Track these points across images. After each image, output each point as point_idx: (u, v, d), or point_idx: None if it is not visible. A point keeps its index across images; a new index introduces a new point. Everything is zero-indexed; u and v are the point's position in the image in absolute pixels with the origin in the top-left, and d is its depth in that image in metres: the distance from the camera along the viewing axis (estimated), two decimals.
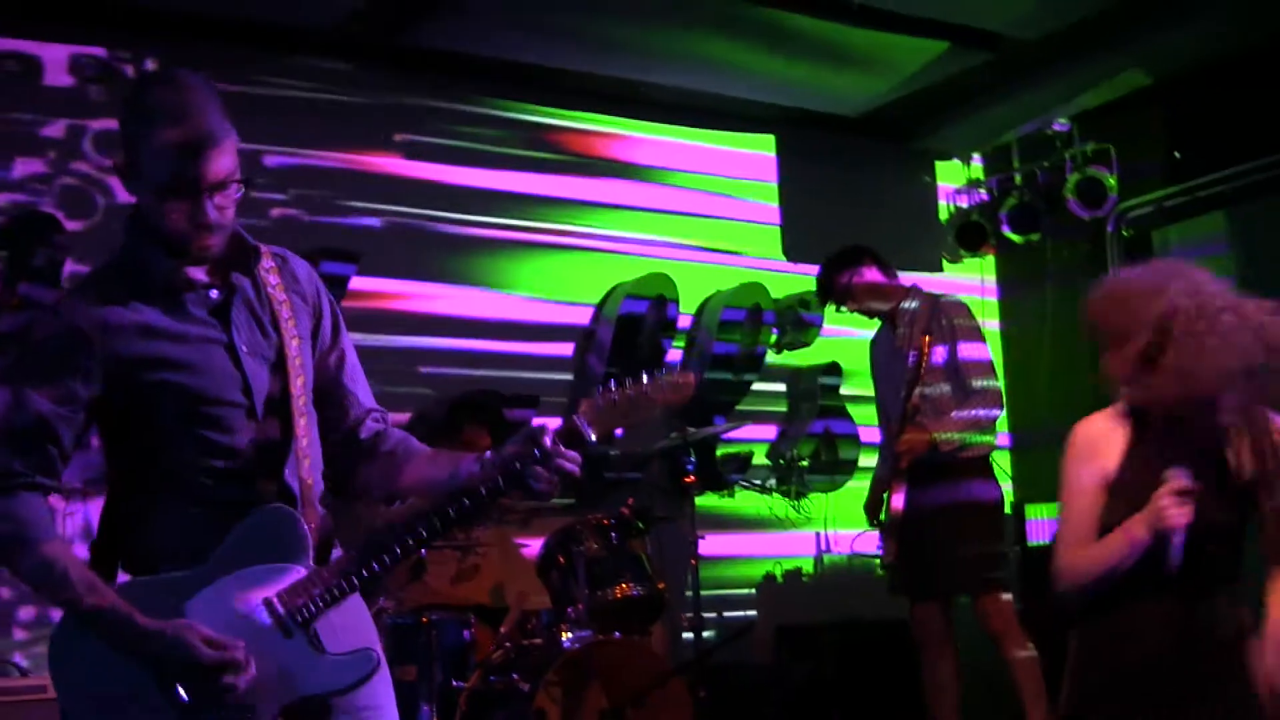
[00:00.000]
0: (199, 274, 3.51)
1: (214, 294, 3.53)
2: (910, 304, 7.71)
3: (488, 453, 3.63)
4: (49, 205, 7.89)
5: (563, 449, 3.58)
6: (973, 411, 7.40)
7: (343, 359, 3.83)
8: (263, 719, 3.32)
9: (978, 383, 7.47)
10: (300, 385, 3.58)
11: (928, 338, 7.25)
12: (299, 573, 3.43)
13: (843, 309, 7.97)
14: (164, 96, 3.39)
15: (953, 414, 7.41)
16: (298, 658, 3.37)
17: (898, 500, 7.35)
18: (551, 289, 9.51)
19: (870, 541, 7.86)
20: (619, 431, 3.82)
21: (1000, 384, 7.62)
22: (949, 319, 7.53)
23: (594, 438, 3.66)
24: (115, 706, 3.27)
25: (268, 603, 3.38)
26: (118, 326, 3.39)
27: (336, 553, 3.58)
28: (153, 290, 3.46)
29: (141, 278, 3.47)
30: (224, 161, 3.38)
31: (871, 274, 7.80)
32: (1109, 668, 4.19)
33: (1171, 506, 3.93)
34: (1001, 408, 7.52)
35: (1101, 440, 4.23)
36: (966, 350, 7.43)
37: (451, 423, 8.08)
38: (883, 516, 7.52)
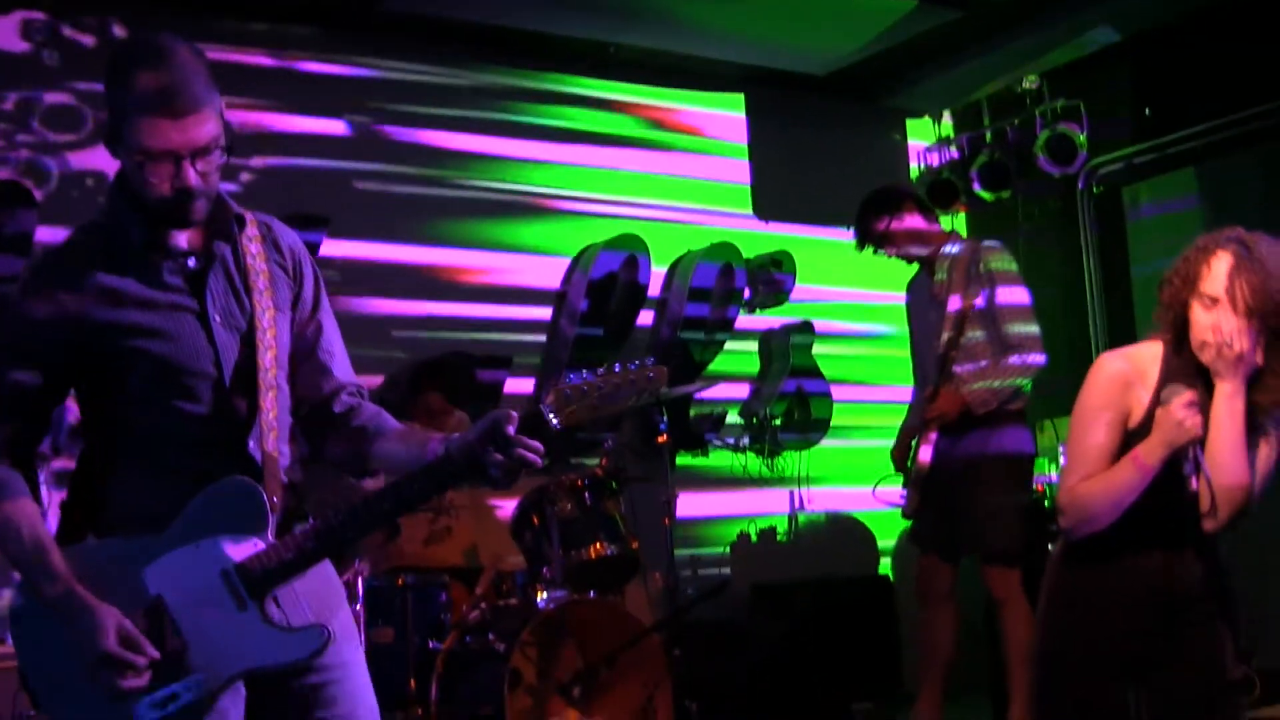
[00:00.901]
0: (179, 241, 3.50)
1: (191, 262, 3.52)
2: (951, 249, 7.60)
3: (455, 434, 3.56)
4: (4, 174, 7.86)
5: (524, 439, 3.45)
6: (1014, 359, 7.23)
7: (319, 331, 3.81)
8: (210, 686, 3.30)
9: (1017, 328, 7.26)
10: (271, 358, 3.56)
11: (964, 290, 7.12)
12: (258, 545, 3.40)
13: (880, 253, 7.84)
14: (146, 60, 3.35)
15: (992, 362, 7.29)
16: (250, 630, 3.36)
17: (925, 453, 7.30)
18: (524, 250, 9.50)
19: (891, 492, 7.83)
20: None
21: (1035, 329, 7.32)
22: (987, 264, 7.37)
23: (559, 427, 3.55)
24: (70, 678, 3.27)
25: (224, 574, 3.36)
26: (91, 292, 3.39)
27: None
28: (129, 257, 3.45)
29: (119, 244, 3.45)
30: (207, 127, 3.38)
31: (912, 218, 7.65)
32: (1084, 622, 4.18)
33: (1188, 417, 3.88)
34: (1043, 354, 7.33)
35: (1134, 382, 4.14)
36: (1005, 295, 7.22)
37: (413, 386, 8.10)
38: (910, 464, 7.47)
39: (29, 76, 8.04)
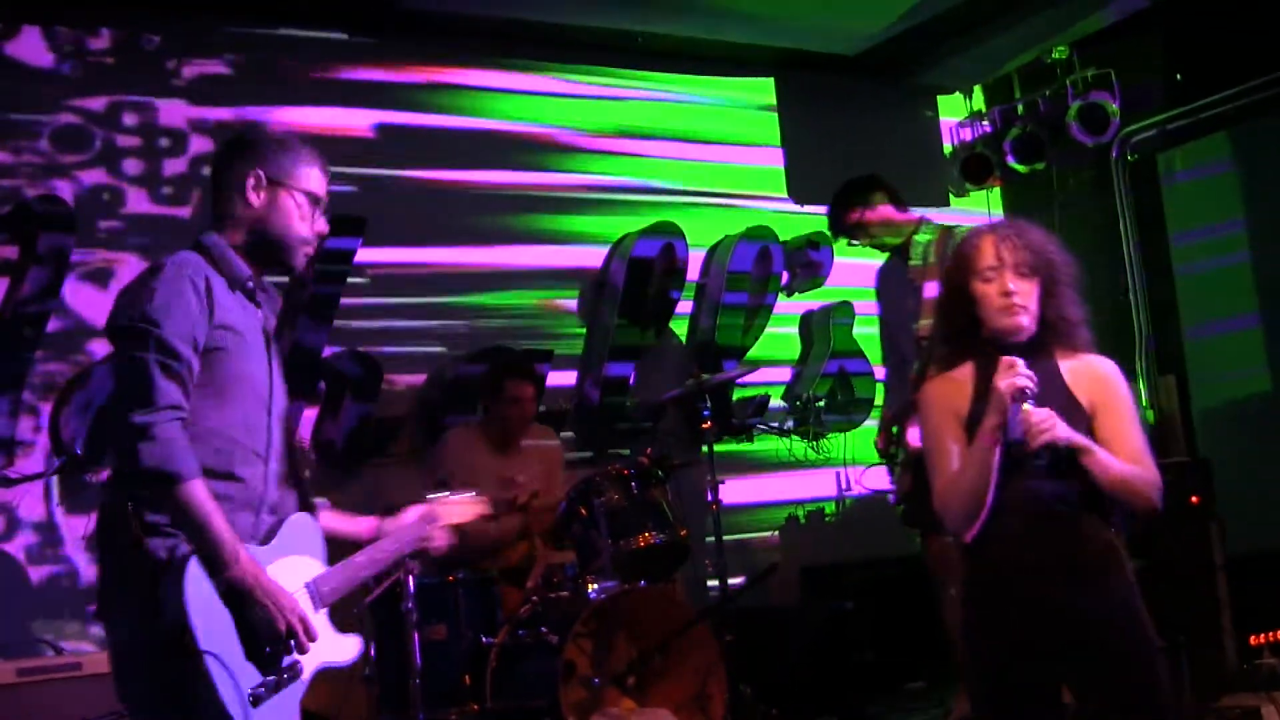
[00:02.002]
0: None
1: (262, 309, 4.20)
2: (923, 236, 7.68)
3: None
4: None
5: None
6: None
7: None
8: (305, 675, 3.96)
9: None
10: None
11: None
12: (321, 566, 4.15)
13: (855, 243, 7.94)
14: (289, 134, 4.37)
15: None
16: (324, 632, 4.05)
17: (913, 434, 7.34)
18: (561, 241, 9.53)
19: (880, 477, 7.86)
20: None
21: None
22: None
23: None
24: (228, 641, 3.73)
25: (307, 585, 4.05)
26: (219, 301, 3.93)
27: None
28: (235, 286, 4.04)
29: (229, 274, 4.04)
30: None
31: (884, 207, 7.76)
32: (991, 615, 4.26)
33: (1006, 375, 4.04)
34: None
35: (951, 389, 4.34)
36: None
37: (493, 380, 8.13)
38: (895, 451, 7.52)
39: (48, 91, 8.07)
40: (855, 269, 10.12)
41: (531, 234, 9.41)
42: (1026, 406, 4.02)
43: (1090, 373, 4.29)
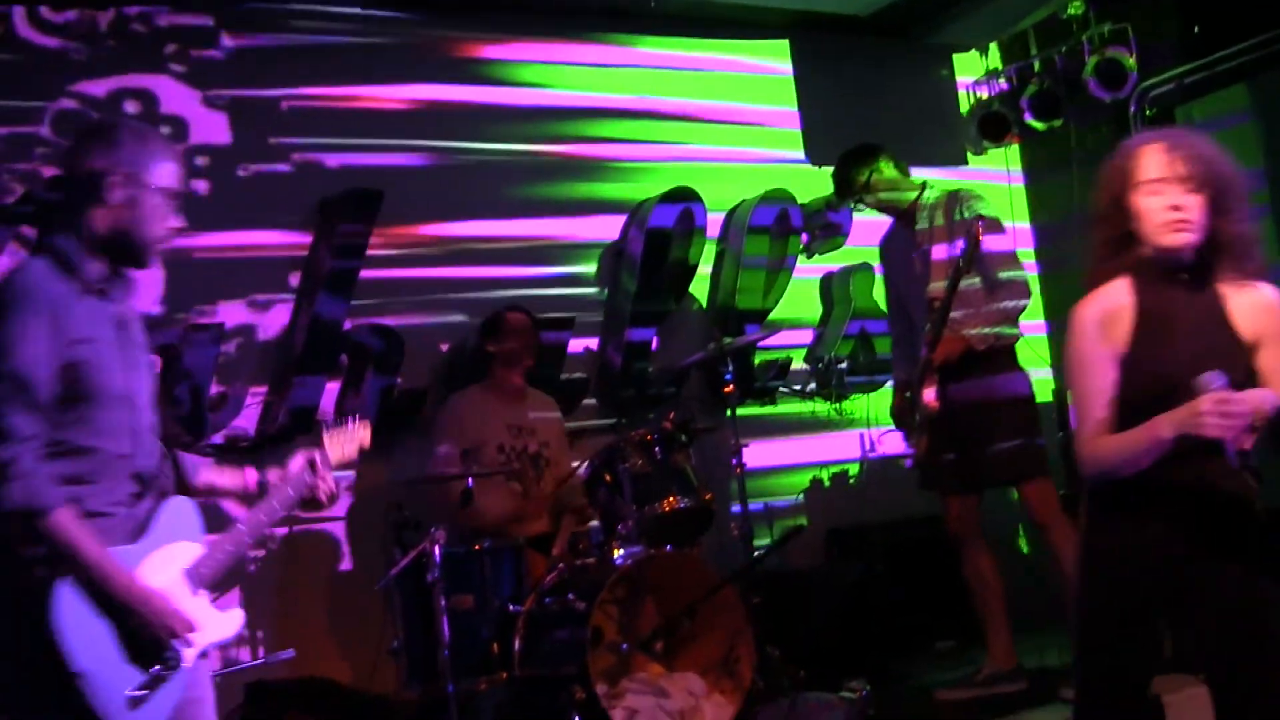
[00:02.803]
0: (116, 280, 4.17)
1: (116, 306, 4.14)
2: (928, 198, 7.69)
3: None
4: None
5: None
6: (1002, 304, 7.39)
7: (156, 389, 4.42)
8: (187, 662, 4.05)
9: (1004, 274, 7.46)
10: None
11: (981, 225, 7.09)
12: (200, 548, 4.21)
13: (861, 205, 7.96)
14: (147, 127, 4.34)
15: (983, 308, 7.41)
16: (203, 614, 4.14)
17: (929, 396, 7.35)
18: (580, 208, 9.52)
19: (896, 441, 7.88)
20: None
21: (1023, 274, 7.57)
22: (970, 209, 7.48)
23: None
24: (105, 652, 3.84)
25: (184, 571, 4.13)
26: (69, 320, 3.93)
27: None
28: (88, 289, 4.02)
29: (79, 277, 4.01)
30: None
31: (887, 171, 7.80)
32: (1115, 566, 4.16)
33: (1211, 417, 3.76)
34: (1029, 297, 7.51)
35: (1108, 317, 4.13)
36: (990, 243, 7.17)
37: (493, 320, 8.18)
38: (910, 416, 7.54)
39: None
40: (877, 228, 10.13)
41: (550, 203, 9.40)
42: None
43: (1255, 302, 4.11)
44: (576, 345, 9.14)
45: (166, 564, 4.04)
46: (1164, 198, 4.00)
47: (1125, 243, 4.12)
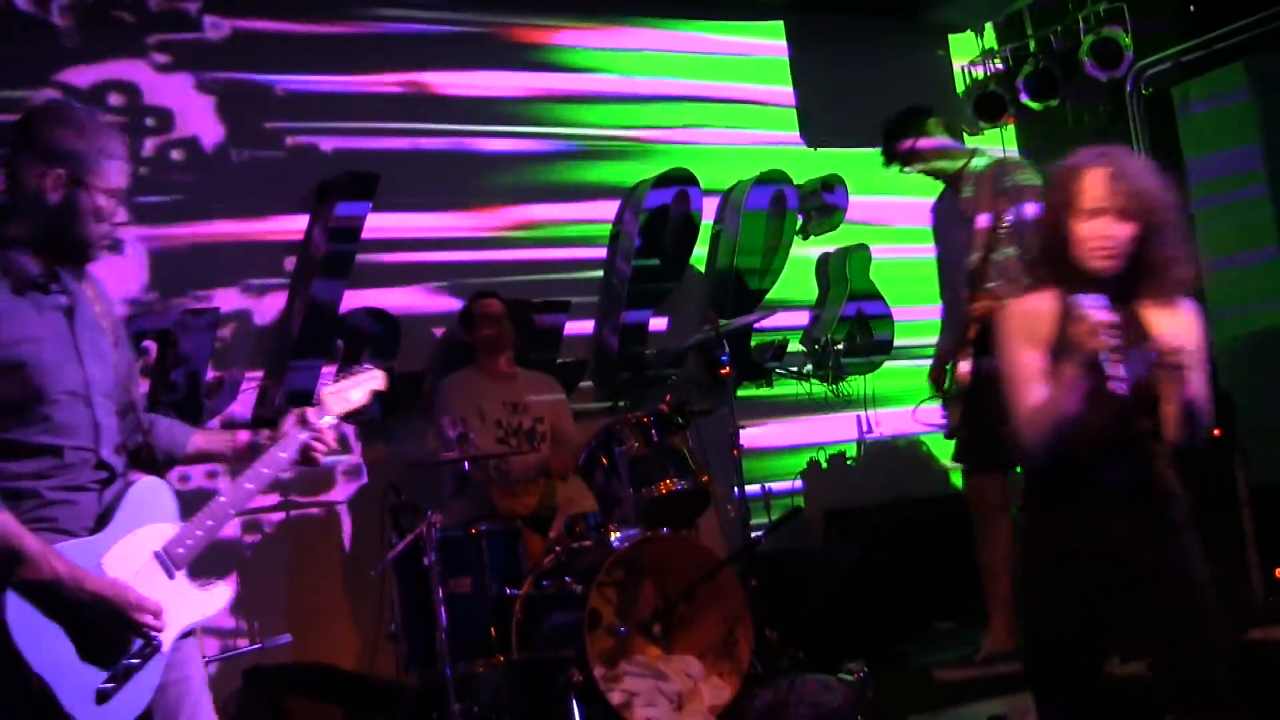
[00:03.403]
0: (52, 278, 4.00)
1: (64, 299, 4.00)
2: (976, 165, 7.61)
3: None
4: None
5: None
6: None
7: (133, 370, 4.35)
8: (165, 648, 3.94)
9: None
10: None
11: (1001, 200, 7.04)
12: (173, 528, 4.07)
13: (907, 170, 7.85)
14: (91, 115, 4.13)
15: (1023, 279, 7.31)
16: (181, 594, 4.03)
17: (964, 367, 7.31)
18: (575, 192, 9.50)
19: (931, 413, 7.84)
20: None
21: None
22: (1013, 179, 7.40)
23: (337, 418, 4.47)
24: (65, 652, 3.75)
25: (156, 554, 4.00)
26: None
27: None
28: (25, 286, 3.91)
29: (14, 275, 3.90)
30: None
31: (938, 135, 7.70)
32: (1056, 552, 4.32)
33: (1086, 331, 4.02)
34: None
35: (1035, 319, 4.32)
36: (1033, 211, 7.11)
37: (465, 310, 8.18)
38: (948, 386, 7.50)
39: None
40: (873, 209, 10.14)
41: (546, 187, 9.39)
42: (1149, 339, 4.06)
43: (1172, 313, 4.29)
44: (572, 328, 9.13)
45: (134, 550, 3.93)
46: (1099, 226, 4.20)
47: (1059, 255, 4.30)
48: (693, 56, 10.14)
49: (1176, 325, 4.25)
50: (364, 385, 4.59)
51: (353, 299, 8.32)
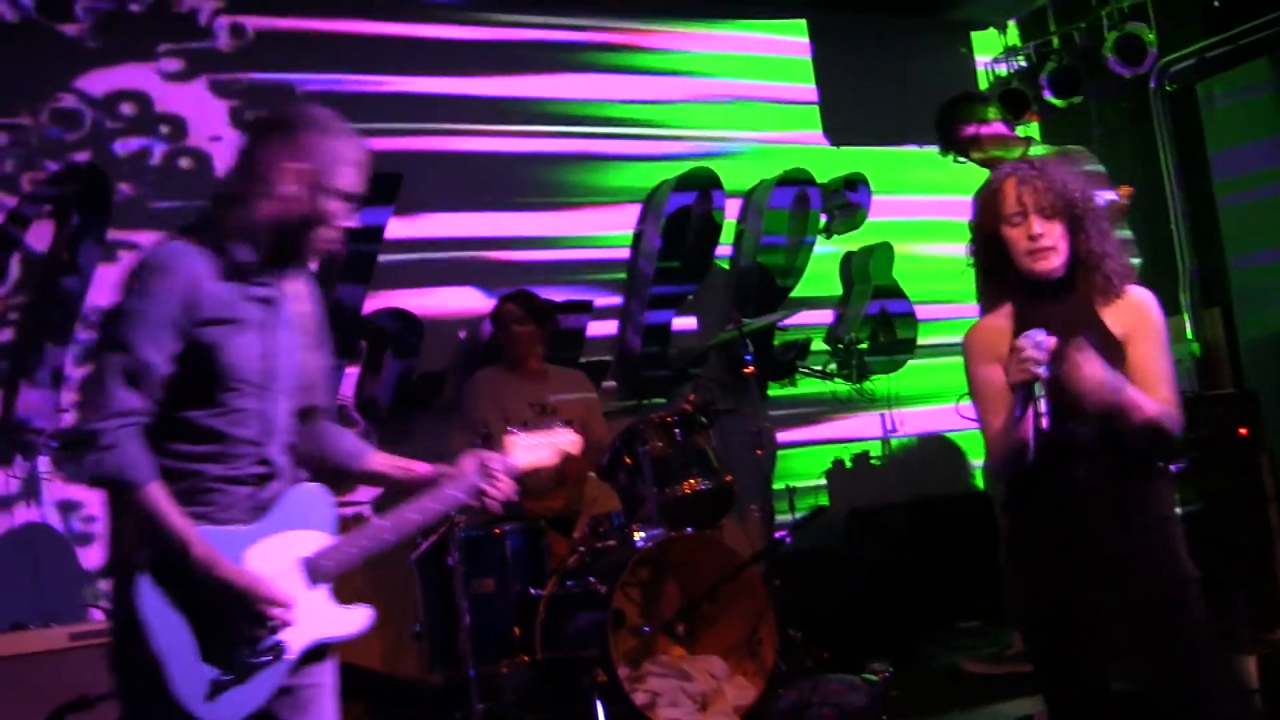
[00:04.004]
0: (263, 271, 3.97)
1: (269, 290, 3.98)
2: (1035, 153, 7.55)
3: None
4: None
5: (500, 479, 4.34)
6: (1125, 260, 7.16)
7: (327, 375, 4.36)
8: (291, 654, 3.88)
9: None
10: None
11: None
12: (326, 539, 4.03)
13: (963, 160, 7.79)
14: (336, 122, 4.01)
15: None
16: (319, 607, 3.98)
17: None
18: (599, 192, 9.49)
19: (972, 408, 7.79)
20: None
21: (1129, 232, 7.39)
22: (1084, 166, 7.36)
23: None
24: (186, 636, 3.71)
25: (302, 560, 3.96)
26: (202, 294, 3.81)
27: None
28: (231, 272, 3.88)
29: (224, 259, 3.88)
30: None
31: (998, 122, 7.65)
32: (1034, 555, 4.37)
33: (1015, 360, 4.03)
34: (1138, 257, 7.26)
35: (993, 335, 4.36)
36: (1105, 199, 7.18)
37: (494, 312, 8.17)
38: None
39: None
40: (894, 207, 10.12)
41: (568, 187, 9.39)
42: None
43: (1124, 302, 4.33)
44: (596, 329, 9.13)
45: (280, 551, 3.90)
46: (1024, 228, 4.26)
47: (1001, 269, 4.37)
48: (715, 55, 10.12)
49: (1127, 310, 4.30)
50: (554, 445, 4.57)
51: (375, 300, 8.33)
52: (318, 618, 3.96)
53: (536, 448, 4.52)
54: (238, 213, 3.92)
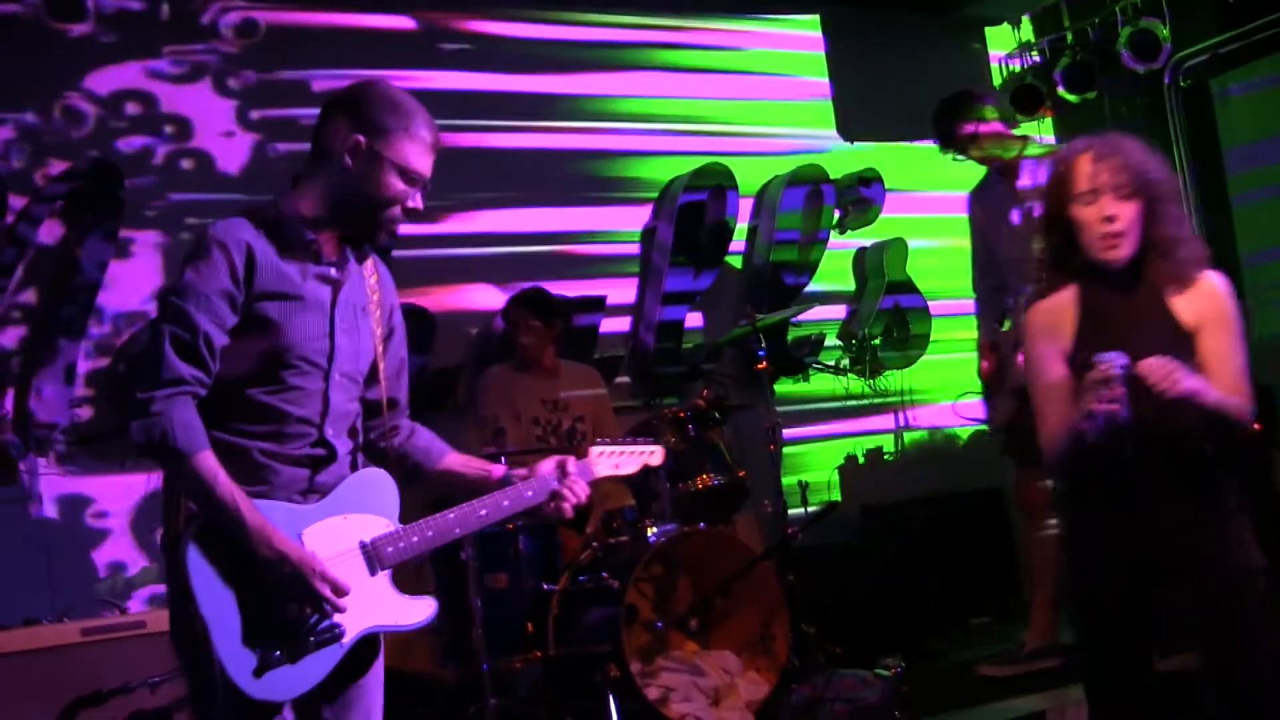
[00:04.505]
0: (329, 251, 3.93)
1: (334, 271, 3.93)
2: (1032, 151, 7.56)
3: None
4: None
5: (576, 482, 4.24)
6: None
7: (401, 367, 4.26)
8: (346, 639, 3.78)
9: None
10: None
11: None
12: (389, 526, 3.94)
13: (961, 158, 7.79)
14: (407, 100, 4.01)
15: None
16: (380, 594, 3.89)
17: (1022, 358, 7.27)
18: (611, 188, 9.49)
19: (971, 407, 7.80)
20: None
21: None
22: None
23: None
24: (236, 610, 3.62)
25: (362, 545, 3.87)
26: (262, 269, 3.77)
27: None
28: (295, 250, 3.85)
29: (289, 235, 3.85)
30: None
31: (996, 121, 7.65)
32: (1095, 549, 4.32)
33: (1091, 400, 3.96)
34: None
35: (1056, 316, 4.30)
36: None
37: (506, 311, 8.16)
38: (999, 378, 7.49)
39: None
40: (908, 203, 10.11)
41: (582, 182, 9.40)
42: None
43: (1196, 290, 4.23)
44: (610, 325, 9.13)
45: (340, 533, 3.81)
46: (1098, 208, 4.16)
47: (1070, 249, 4.28)
48: (729, 51, 10.12)
49: (1198, 298, 4.21)
50: (638, 458, 4.51)
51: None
52: (376, 605, 3.87)
53: (618, 456, 4.47)
54: (303, 190, 3.91)
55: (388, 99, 3.96)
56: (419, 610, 4.00)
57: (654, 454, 4.55)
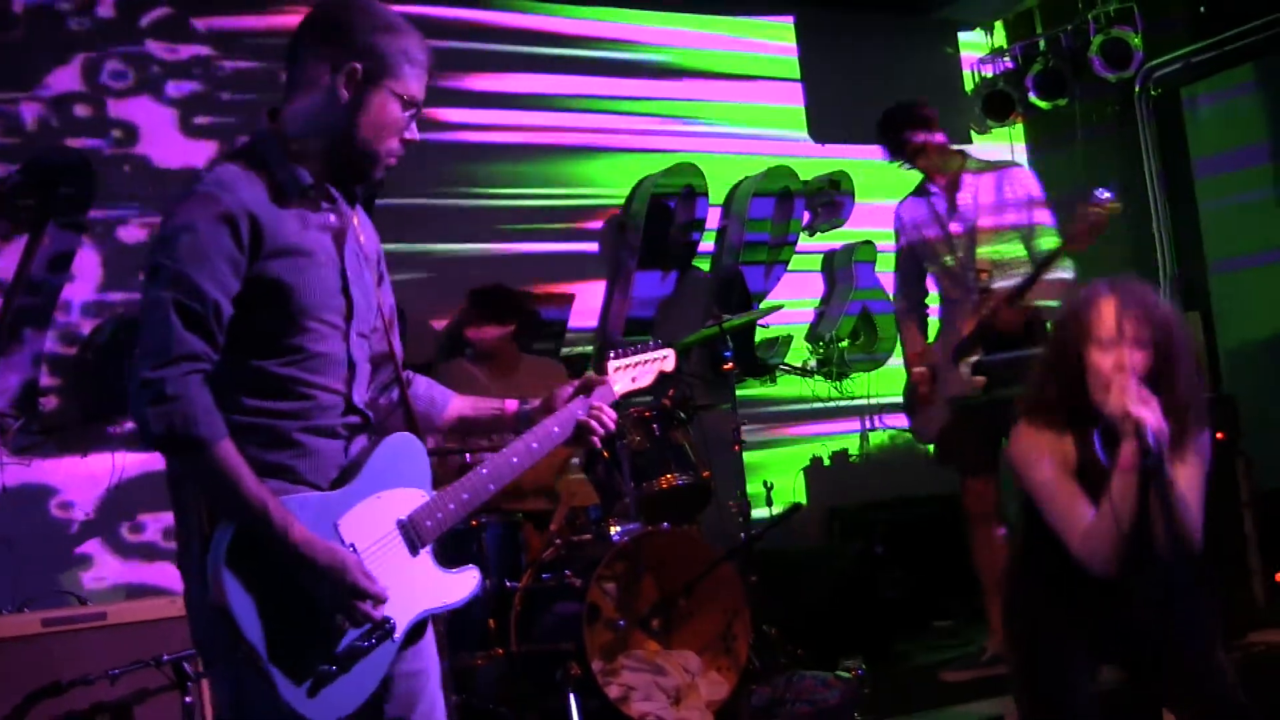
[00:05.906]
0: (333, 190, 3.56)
1: (333, 219, 3.54)
2: (972, 166, 7.61)
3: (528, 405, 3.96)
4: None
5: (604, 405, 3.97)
6: (1059, 274, 7.19)
7: (393, 315, 3.83)
8: (398, 631, 3.45)
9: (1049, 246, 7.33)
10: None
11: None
12: (424, 496, 3.58)
13: (909, 167, 7.82)
14: (396, 17, 3.50)
15: (1023, 278, 7.26)
16: (424, 575, 3.56)
17: (966, 370, 7.28)
18: (581, 186, 9.49)
19: (898, 419, 7.84)
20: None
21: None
22: (1019, 182, 7.46)
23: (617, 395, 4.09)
24: (279, 615, 3.24)
25: (399, 524, 3.51)
26: (266, 229, 3.31)
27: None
28: (291, 197, 3.41)
29: (280, 184, 3.40)
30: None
31: (941, 134, 7.70)
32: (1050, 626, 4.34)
33: (1132, 397, 3.95)
34: (1073, 271, 7.30)
35: (1054, 440, 4.28)
36: (1039, 216, 7.38)
37: (466, 316, 8.13)
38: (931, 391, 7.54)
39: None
40: (877, 210, 10.12)
41: (552, 179, 9.39)
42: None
43: (1186, 449, 4.23)
44: (577, 321, 9.13)
45: (377, 515, 3.44)
46: (1116, 356, 4.12)
47: (1075, 392, 4.22)
48: (701, 51, 10.12)
49: (1183, 449, 4.20)
50: (653, 365, 4.26)
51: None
52: (422, 588, 3.54)
53: (635, 369, 4.22)
54: (285, 126, 3.46)
55: (380, 19, 3.46)
56: (464, 584, 3.67)
57: (667, 358, 4.32)
